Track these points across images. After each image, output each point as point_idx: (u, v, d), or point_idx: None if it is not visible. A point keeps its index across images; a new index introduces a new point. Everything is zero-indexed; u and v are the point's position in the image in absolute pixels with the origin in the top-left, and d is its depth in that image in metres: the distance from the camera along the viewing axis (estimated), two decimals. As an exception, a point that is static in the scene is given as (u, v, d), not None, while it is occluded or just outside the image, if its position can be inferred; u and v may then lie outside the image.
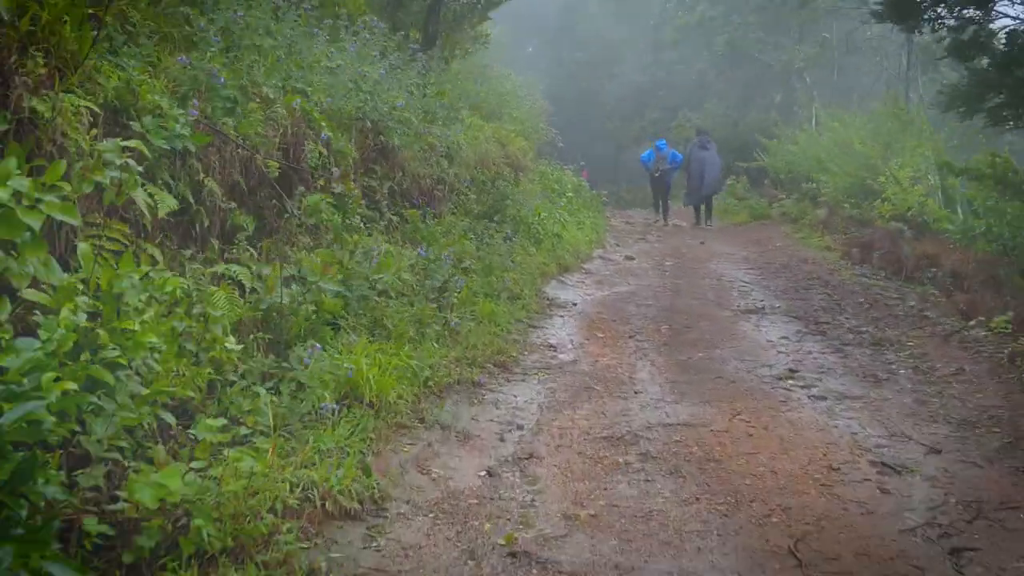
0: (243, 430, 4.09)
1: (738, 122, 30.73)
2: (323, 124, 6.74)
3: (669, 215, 20.95)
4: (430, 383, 5.70)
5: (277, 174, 5.83)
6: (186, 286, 4.35)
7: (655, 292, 10.73)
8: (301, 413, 4.37)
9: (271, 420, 4.14)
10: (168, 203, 4.74)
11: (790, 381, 6.54)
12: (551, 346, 7.69)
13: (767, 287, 11.19)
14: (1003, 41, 10.85)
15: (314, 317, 5.45)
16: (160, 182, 4.87)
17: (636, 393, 6.18)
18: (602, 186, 25.81)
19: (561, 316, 9.10)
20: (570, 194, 18.26)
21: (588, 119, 36.84)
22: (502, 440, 5.11)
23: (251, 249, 5.72)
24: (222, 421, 3.86)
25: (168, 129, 4.85)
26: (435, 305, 7.49)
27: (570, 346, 7.74)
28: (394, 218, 8.37)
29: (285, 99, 6.39)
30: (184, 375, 4.17)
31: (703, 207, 20.10)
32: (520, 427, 5.36)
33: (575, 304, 9.82)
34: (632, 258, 14.67)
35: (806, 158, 21.29)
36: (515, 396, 6.03)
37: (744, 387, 6.35)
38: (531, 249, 11.75)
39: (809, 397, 6.08)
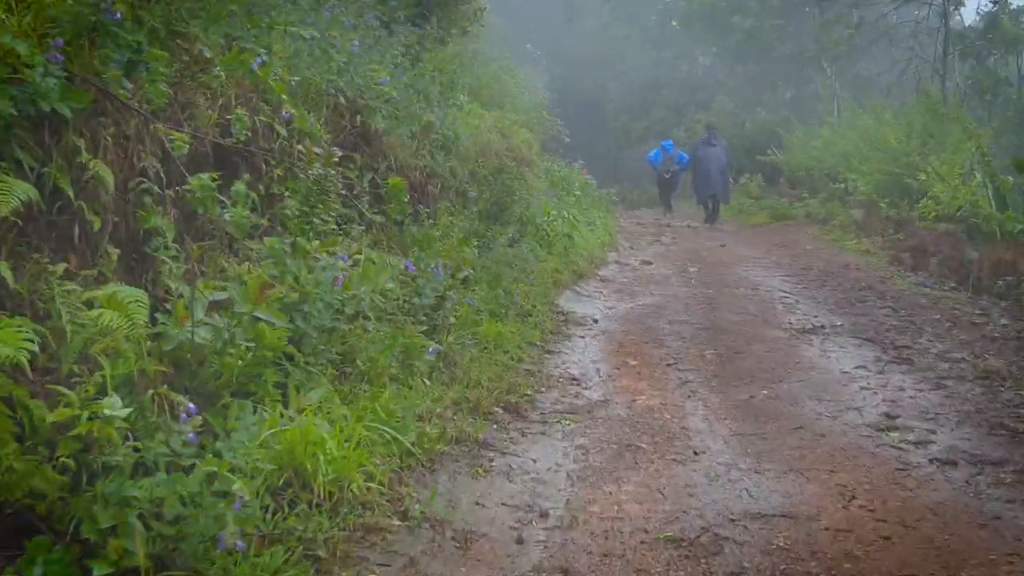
0: (101, 569, 2.48)
1: (748, 120, 29.18)
2: (283, 96, 5.11)
3: (674, 214, 20.22)
4: (417, 450, 4.09)
5: (186, 151, 4.15)
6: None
7: (686, 304, 9.14)
8: (198, 534, 2.73)
9: (140, 552, 2.52)
10: (18, 192, 3.14)
11: (894, 434, 4.93)
12: (574, 379, 6.10)
13: (814, 298, 9.59)
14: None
15: (251, 358, 3.84)
16: (11, 163, 3.27)
17: (696, 454, 4.57)
18: (605, 185, 24.19)
19: (581, 336, 7.51)
20: (578, 192, 16.72)
21: (590, 117, 35.26)
22: (520, 542, 3.48)
23: (170, 262, 4.11)
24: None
25: (28, 84, 3.25)
26: (427, 327, 5.92)
27: (597, 378, 6.15)
28: (377, 218, 6.75)
29: (225, 58, 4.75)
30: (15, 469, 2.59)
31: (711, 205, 19.15)
32: (544, 515, 3.75)
33: (596, 320, 8.22)
34: (650, 263, 13.10)
35: (831, 154, 19.68)
36: (534, 461, 4.42)
37: (838, 444, 4.74)
38: (541, 254, 10.17)
39: (933, 462, 4.46)
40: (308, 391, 3.93)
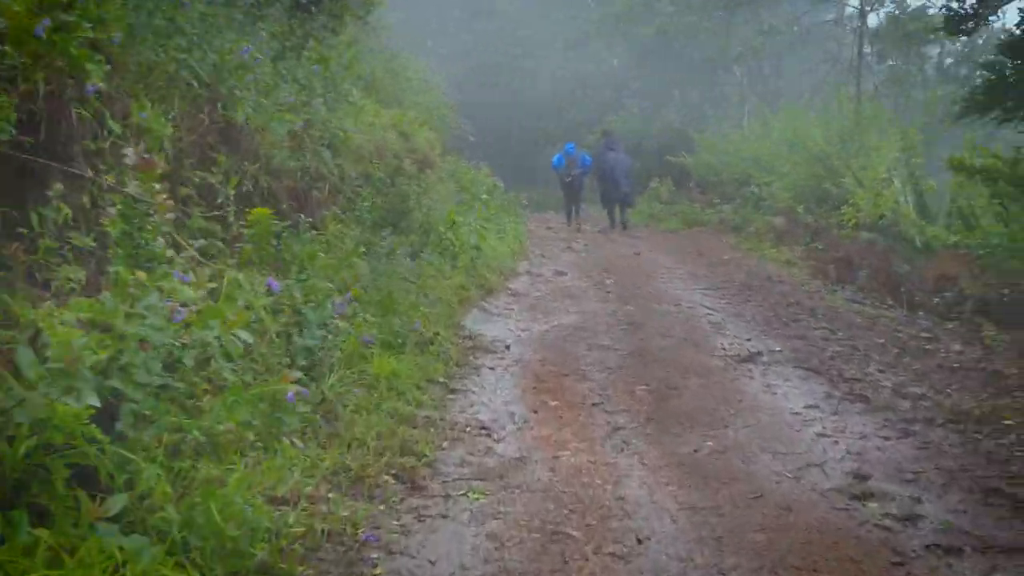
0: None
1: (659, 122, 28.60)
2: (88, 66, 3.92)
3: (582, 218, 19.50)
4: (271, 563, 3.01)
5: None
6: None
7: (608, 325, 8.22)
8: None
9: None
10: None
11: (873, 504, 4.04)
12: (483, 428, 5.08)
13: (742, 316, 8.79)
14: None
15: (35, 444, 2.71)
16: None
17: (639, 542, 3.60)
18: (516, 188, 23.23)
19: (492, 368, 6.51)
20: (485, 196, 15.74)
21: (499, 117, 34.21)
22: None
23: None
24: None
25: None
26: (306, 366, 4.87)
27: (512, 426, 5.15)
28: (246, 231, 5.60)
29: (13, 19, 3.55)
30: None
31: (618, 210, 18.61)
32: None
33: (508, 346, 7.23)
34: (564, 273, 12.21)
35: (742, 158, 19.11)
36: (432, 563, 3.37)
37: (810, 521, 3.83)
38: (445, 267, 9.14)
39: (932, 550, 3.57)
40: (111, 495, 2.81)
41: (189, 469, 3.36)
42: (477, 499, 4.01)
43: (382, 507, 3.78)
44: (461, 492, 4.08)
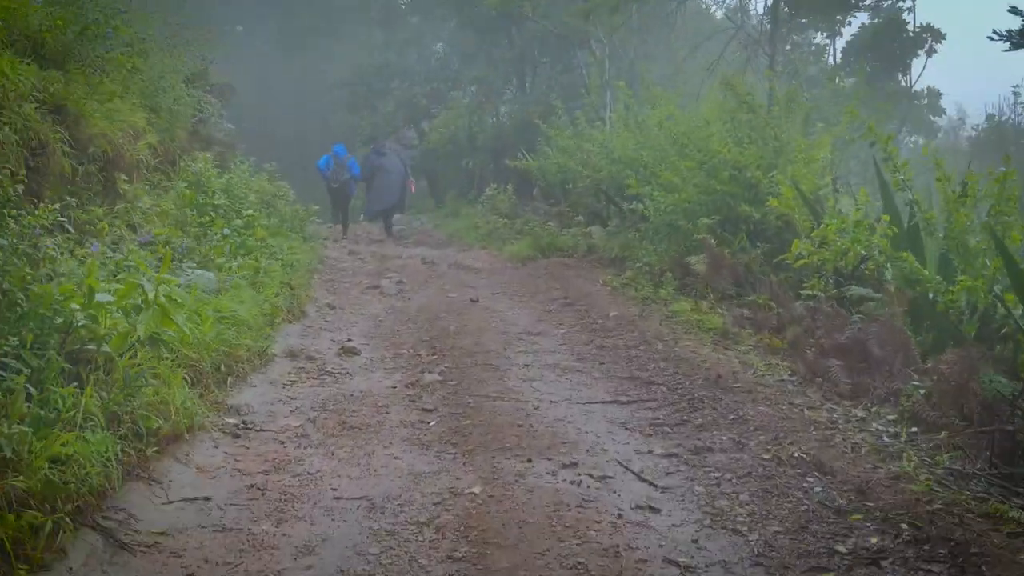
0: None
1: (496, 116, 23.93)
2: None
3: (348, 228, 17.75)
4: None
5: None
6: None
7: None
8: None
9: None
10: None
11: None
12: None
13: (735, 530, 3.91)
14: None
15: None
16: None
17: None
18: (317, 196, 18.03)
19: None
20: (251, 212, 10.31)
21: (304, 110, 29.12)
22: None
23: None
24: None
25: None
26: None
27: None
28: None
29: None
30: None
31: (387, 220, 18.00)
32: None
33: None
34: (357, 352, 7.27)
35: (612, 162, 14.18)
36: None
37: None
38: (46, 411, 3.68)
39: None
40: None
41: None
42: None
43: None
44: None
